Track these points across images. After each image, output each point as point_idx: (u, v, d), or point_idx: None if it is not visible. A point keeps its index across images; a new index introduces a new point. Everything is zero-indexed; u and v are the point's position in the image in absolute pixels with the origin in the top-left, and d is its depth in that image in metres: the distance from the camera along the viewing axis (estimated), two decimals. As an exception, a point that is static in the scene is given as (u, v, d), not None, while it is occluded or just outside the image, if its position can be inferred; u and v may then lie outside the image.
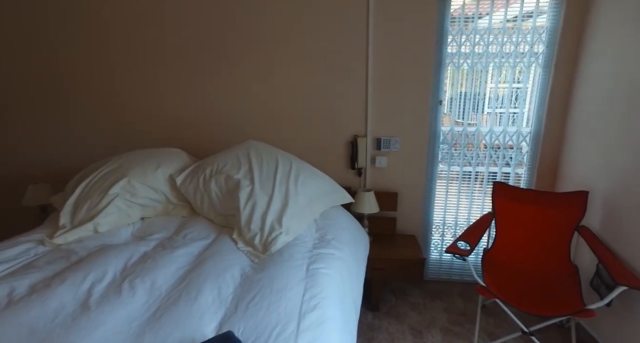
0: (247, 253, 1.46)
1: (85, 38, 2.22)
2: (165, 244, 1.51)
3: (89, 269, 1.26)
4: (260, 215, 1.59)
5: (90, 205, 1.70)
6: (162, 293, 1.18)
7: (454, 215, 2.35)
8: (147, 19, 2.17)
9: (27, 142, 2.44)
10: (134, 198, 1.78)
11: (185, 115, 2.32)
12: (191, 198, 1.83)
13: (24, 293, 1.15)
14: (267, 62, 2.19)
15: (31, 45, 2.26)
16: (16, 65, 2.30)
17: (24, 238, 1.56)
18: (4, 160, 2.48)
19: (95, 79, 2.29)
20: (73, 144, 2.42)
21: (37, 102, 2.36)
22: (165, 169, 1.89)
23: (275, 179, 1.73)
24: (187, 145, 2.24)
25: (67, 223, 1.66)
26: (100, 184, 1.77)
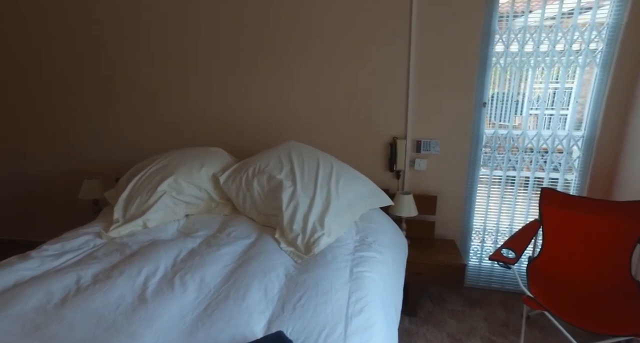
0: (290, 253, 1.48)
1: (134, 41, 2.33)
2: (211, 241, 1.56)
3: (143, 263, 1.32)
4: (302, 216, 1.61)
5: (140, 201, 1.79)
6: (211, 290, 1.21)
7: (495, 221, 2.27)
8: (189, 22, 2.25)
9: (83, 141, 2.59)
10: (180, 195, 1.85)
11: (225, 116, 2.38)
12: (233, 197, 1.87)
13: (89, 282, 1.22)
14: (306, 64, 2.21)
15: (84, 48, 2.40)
16: (71, 68, 2.45)
17: (83, 230, 1.67)
18: (64, 157, 2.64)
19: (142, 81, 2.40)
20: (122, 143, 2.55)
21: (90, 104, 2.51)
22: (208, 167, 1.95)
23: (317, 181, 1.75)
24: (227, 145, 2.30)
25: (119, 218, 1.75)
26: (149, 181, 1.86)
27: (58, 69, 2.47)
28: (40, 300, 1.11)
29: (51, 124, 2.59)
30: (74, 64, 2.44)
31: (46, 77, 2.50)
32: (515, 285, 2.27)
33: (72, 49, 2.41)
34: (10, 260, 1.40)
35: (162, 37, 2.30)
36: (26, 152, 2.67)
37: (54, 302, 1.12)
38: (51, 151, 2.64)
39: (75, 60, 2.43)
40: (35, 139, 2.63)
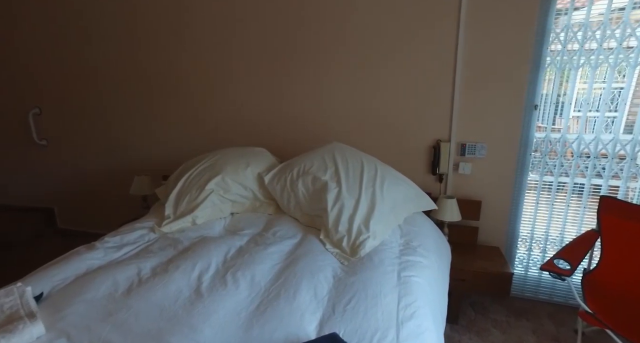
0: (336, 255, 1.49)
1: (184, 43, 2.43)
2: (258, 240, 1.60)
3: (196, 259, 1.38)
4: (347, 218, 1.61)
5: (189, 198, 1.86)
6: (261, 288, 1.25)
7: (544, 229, 2.17)
8: (231, 25, 2.31)
9: (135, 139, 2.73)
10: (227, 194, 1.91)
11: (266, 117, 2.43)
12: (278, 197, 1.91)
13: (149, 274, 1.29)
14: (348, 64, 2.21)
15: (137, 49, 2.53)
16: (127, 71, 2.59)
17: (139, 225, 1.76)
18: (117, 155, 2.80)
19: (189, 83, 2.50)
20: (170, 142, 2.67)
21: (142, 105, 2.64)
22: (254, 167, 2.00)
23: (362, 182, 1.74)
24: (269, 146, 2.34)
25: (170, 214, 1.83)
26: (197, 180, 1.93)
27: (116, 72, 2.62)
28: (109, 288, 1.19)
29: (107, 124, 2.75)
30: (130, 66, 2.58)
31: (104, 80, 2.65)
32: (565, 297, 2.16)
33: (127, 50, 2.55)
34: (79, 249, 1.50)
35: (209, 38, 2.38)
36: (86, 150, 2.85)
37: (120, 291, 1.19)
38: (107, 149, 2.81)
39: (130, 61, 2.57)
40: (93, 138, 2.81)
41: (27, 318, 1.00)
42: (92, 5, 2.51)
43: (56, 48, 2.67)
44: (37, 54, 2.72)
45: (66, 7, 2.56)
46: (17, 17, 2.68)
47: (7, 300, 1.08)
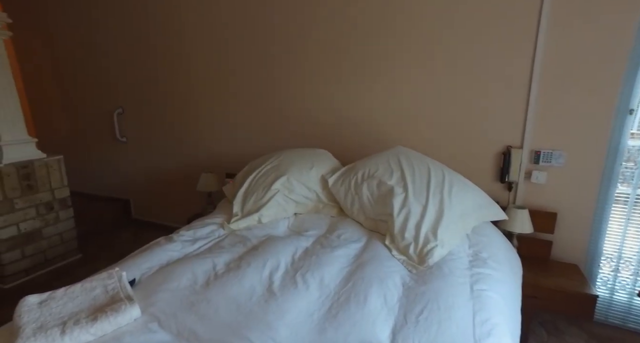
0: (403, 262, 1.46)
1: (254, 42, 2.53)
2: (323, 242, 1.62)
3: (265, 257, 1.43)
4: (414, 225, 1.58)
5: (256, 197, 1.94)
6: (331, 291, 1.26)
7: (635, 248, 1.95)
8: (300, 28, 2.35)
9: (201, 138, 2.90)
10: (291, 194, 1.95)
11: (328, 119, 2.45)
12: (341, 200, 1.92)
13: (223, 269, 1.36)
14: (413, 66, 2.16)
15: (205, 57, 2.68)
16: (199, 71, 2.76)
17: (209, 221, 1.87)
18: (185, 152, 3.00)
19: (254, 84, 2.60)
20: (234, 141, 2.80)
21: (211, 104, 2.80)
22: (318, 169, 2.03)
23: (429, 188, 1.70)
24: (330, 147, 2.36)
25: (238, 212, 1.92)
26: (264, 179, 2.00)
27: (187, 76, 2.80)
28: (189, 280, 1.28)
29: (178, 123, 2.95)
30: (200, 70, 2.74)
31: (177, 83, 2.85)
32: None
33: (198, 56, 2.71)
34: (159, 241, 1.63)
35: (275, 40, 2.46)
36: (159, 147, 3.08)
37: (199, 283, 1.27)
38: (177, 147, 3.01)
39: (201, 66, 2.73)
40: (166, 136, 3.03)
41: (126, 301, 1.10)
42: (170, 15, 2.71)
43: (137, 54, 2.92)
44: (122, 60, 3.00)
45: (149, 16, 2.78)
46: (111, 29, 2.97)
47: (109, 282, 1.20)
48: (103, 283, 1.21)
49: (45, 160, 2.41)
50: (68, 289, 1.18)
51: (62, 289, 1.18)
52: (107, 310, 1.05)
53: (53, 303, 1.11)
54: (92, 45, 3.08)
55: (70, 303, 1.11)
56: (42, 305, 1.10)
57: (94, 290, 1.18)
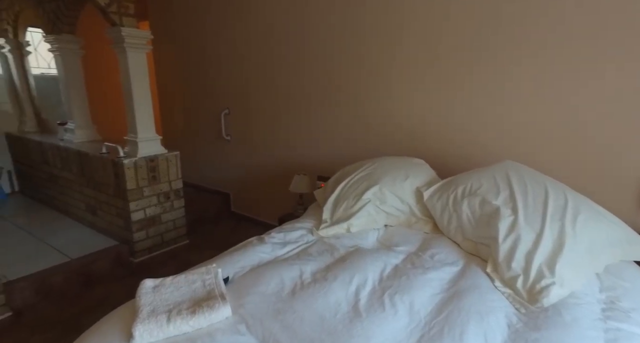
0: (509, 296, 1.27)
1: (344, 51, 2.51)
2: (414, 261, 1.50)
3: (352, 272, 1.38)
4: (524, 254, 1.36)
5: (346, 205, 1.90)
6: (421, 319, 1.15)
7: None
8: (396, 32, 2.23)
9: (297, 139, 3.00)
10: (383, 205, 1.87)
11: (426, 127, 2.28)
12: (437, 216, 1.77)
13: (310, 279, 1.36)
14: (530, 73, 1.86)
15: (302, 60, 2.74)
16: (295, 77, 2.86)
17: (299, 225, 1.90)
18: (281, 152, 3.15)
19: (350, 88, 2.57)
20: (327, 145, 2.82)
21: (305, 108, 2.87)
22: (413, 180, 1.91)
23: (546, 213, 1.44)
24: (427, 157, 2.20)
25: (327, 219, 1.91)
26: (355, 188, 1.96)
27: (286, 79, 2.92)
28: (277, 285, 1.30)
29: (277, 124, 3.10)
30: (299, 74, 2.83)
31: (277, 86, 2.99)
32: None
33: (296, 59, 2.80)
34: (252, 240, 1.72)
35: (372, 46, 2.38)
36: (258, 146, 3.30)
37: (286, 291, 1.28)
38: (274, 147, 3.18)
39: (299, 69, 2.82)
40: (265, 136, 3.22)
41: (220, 299, 1.17)
42: (272, 26, 2.85)
43: (244, 60, 3.15)
44: (230, 66, 3.28)
45: (252, 27, 2.98)
46: (220, 39, 3.28)
47: (207, 278, 1.29)
48: (202, 277, 1.30)
49: (166, 155, 2.76)
50: (174, 278, 1.31)
51: (170, 278, 1.31)
52: (203, 305, 1.13)
53: (163, 290, 1.24)
54: (206, 53, 3.44)
55: (176, 292, 1.23)
56: (155, 290, 1.24)
57: (194, 282, 1.28)
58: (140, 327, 1.04)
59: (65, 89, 3.15)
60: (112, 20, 2.44)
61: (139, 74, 2.57)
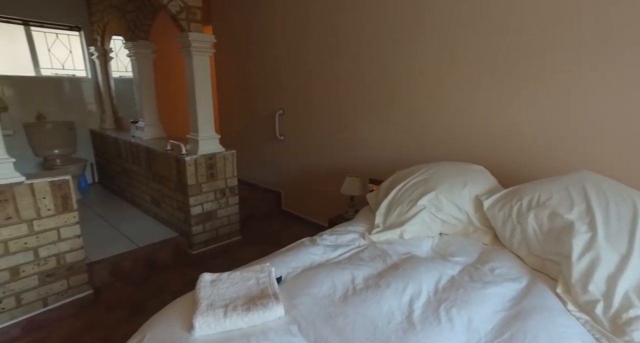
0: (585, 323, 1.15)
1: (401, 52, 2.43)
2: (472, 274, 1.42)
3: (406, 280, 1.34)
4: (605, 277, 1.22)
5: (400, 211, 1.85)
6: (481, 337, 1.08)
7: None
8: (457, 31, 2.11)
9: (349, 140, 2.98)
10: (438, 212, 1.80)
11: (486, 130, 2.14)
12: (498, 227, 1.65)
13: (362, 285, 1.34)
14: (611, 74, 1.66)
15: (357, 62, 2.71)
16: (347, 79, 2.84)
17: (351, 228, 1.89)
18: (333, 153, 3.15)
19: (406, 90, 2.49)
20: (381, 147, 2.77)
21: (358, 110, 2.84)
22: (471, 187, 1.81)
23: (635, 233, 1.28)
24: (487, 163, 2.07)
25: (380, 224, 1.88)
26: (410, 193, 1.90)
27: (338, 81, 2.91)
28: (329, 288, 1.30)
29: (329, 125, 3.11)
30: (352, 76, 2.81)
31: (329, 87, 3.00)
32: None
33: (350, 61, 2.78)
34: (303, 241, 1.74)
35: (431, 45, 2.29)
36: (310, 146, 3.34)
37: (337, 295, 1.28)
38: (327, 148, 3.19)
39: (352, 72, 2.80)
40: (317, 136, 3.24)
41: (273, 298, 1.19)
42: (334, 24, 2.86)
43: (299, 61, 3.20)
44: (285, 67, 3.35)
45: (316, 26, 3.01)
46: (276, 42, 3.36)
47: (261, 276, 1.33)
48: (256, 275, 1.34)
49: (223, 153, 2.90)
50: (230, 274, 1.36)
51: (226, 273, 1.37)
52: (257, 303, 1.16)
53: (220, 285, 1.30)
54: (264, 56, 3.55)
55: (231, 288, 1.28)
56: (213, 285, 1.29)
57: (249, 280, 1.32)
58: (200, 319, 1.09)
59: (138, 90, 3.43)
60: (181, 26, 2.61)
61: (202, 76, 2.72)
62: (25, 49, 3.80)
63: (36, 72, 3.90)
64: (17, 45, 3.74)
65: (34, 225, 1.93)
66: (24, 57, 3.81)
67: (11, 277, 1.90)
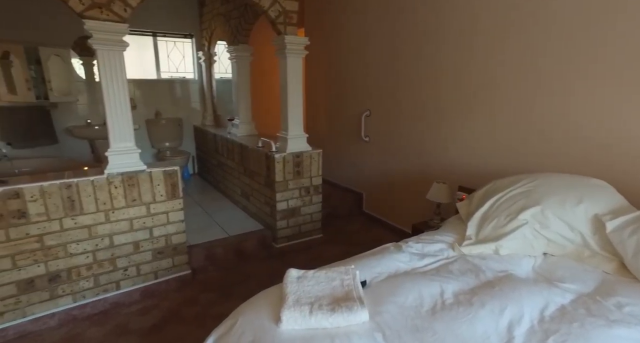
0: None
1: (499, 53, 2.19)
2: (590, 306, 1.22)
3: (504, 302, 1.21)
4: None
5: (496, 224, 1.69)
6: (601, 383, 0.92)
7: None
8: (558, 30, 1.81)
9: (436, 144, 2.82)
10: (543, 230, 1.59)
11: (608, 138, 1.82)
12: (628, 255, 1.39)
13: (451, 300, 1.25)
14: None
15: (446, 67, 2.53)
16: (436, 82, 2.67)
17: (439, 237, 1.78)
18: (420, 157, 3.02)
19: (505, 92, 2.25)
20: (471, 152, 2.56)
21: (449, 111, 2.66)
22: (589, 205, 1.56)
23: None
24: (615, 179, 1.75)
25: (472, 235, 1.73)
26: (509, 205, 1.72)
27: (427, 84, 2.76)
28: (415, 300, 1.24)
29: (417, 128, 2.98)
30: (443, 79, 2.64)
31: (418, 90, 2.87)
32: None
33: (446, 61, 2.61)
34: (388, 247, 1.69)
35: (534, 45, 2.02)
36: (396, 149, 3.25)
37: (425, 307, 1.21)
38: (413, 151, 3.07)
39: (450, 73, 2.63)
40: (404, 139, 3.14)
41: (358, 302, 1.18)
42: (429, 23, 2.73)
43: (388, 62, 3.12)
44: (376, 66, 3.30)
45: (409, 27, 2.91)
46: (365, 44, 3.33)
47: (346, 278, 1.33)
48: (341, 276, 1.34)
49: (310, 152, 2.98)
50: (316, 273, 1.39)
51: (312, 271, 1.40)
52: (342, 305, 1.16)
53: (305, 282, 1.33)
54: (353, 57, 3.55)
55: (316, 287, 1.30)
56: (299, 281, 1.33)
57: (334, 280, 1.33)
58: (287, 313, 1.13)
59: (235, 90, 3.73)
60: (278, 30, 2.75)
61: (295, 77, 2.84)
62: (151, 56, 4.43)
63: (157, 75, 4.51)
64: (145, 53, 4.38)
65: (150, 208, 2.22)
66: (150, 63, 4.43)
67: (134, 250, 2.23)
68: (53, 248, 1.95)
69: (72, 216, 1.97)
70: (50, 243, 1.94)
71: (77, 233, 2.01)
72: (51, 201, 1.90)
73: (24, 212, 1.84)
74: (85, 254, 2.06)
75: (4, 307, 1.89)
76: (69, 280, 2.04)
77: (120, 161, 2.09)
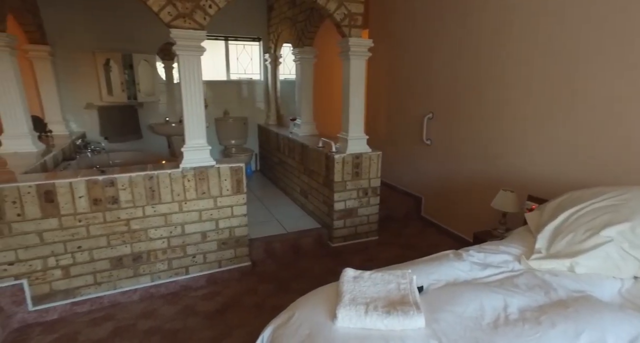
0: None
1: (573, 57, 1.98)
2: (686, 340, 1.07)
3: (581, 325, 1.11)
4: None
5: (572, 239, 1.54)
6: None
7: None
8: None
9: (504, 149, 2.64)
10: (633, 250, 1.42)
11: None
12: None
13: (516, 316, 1.18)
14: None
15: (519, 67, 2.34)
16: (506, 86, 2.49)
17: (504, 248, 1.68)
18: (484, 162, 2.85)
19: (584, 95, 2.03)
20: (543, 161, 2.36)
21: (518, 118, 2.47)
22: (692, 225, 1.36)
23: None
24: None
25: (542, 249, 1.61)
26: (589, 219, 1.56)
27: (494, 88, 2.59)
28: (475, 311, 1.19)
29: (483, 132, 2.82)
30: (510, 84, 2.46)
31: (486, 93, 2.70)
32: None
33: (519, 64, 2.43)
34: (447, 254, 1.63)
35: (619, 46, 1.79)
36: (459, 153, 3.10)
37: (485, 321, 1.16)
38: (477, 156, 2.91)
39: (523, 76, 2.45)
40: (468, 143, 2.99)
41: (414, 307, 1.16)
42: (499, 24, 2.56)
43: (453, 64, 2.99)
44: (440, 68, 3.18)
45: (477, 29, 2.77)
46: (431, 41, 3.22)
47: (402, 281, 1.32)
48: (397, 280, 1.33)
49: (370, 154, 2.97)
50: (372, 274, 1.39)
51: (368, 272, 1.41)
52: (398, 309, 1.15)
53: (361, 282, 1.34)
54: (417, 59, 3.46)
55: (372, 288, 1.31)
56: (355, 281, 1.35)
57: (390, 283, 1.32)
58: (343, 311, 1.15)
59: (299, 91, 3.85)
60: (343, 33, 2.78)
61: (357, 79, 2.85)
62: (222, 59, 4.76)
63: (227, 76, 4.83)
64: (217, 56, 4.72)
65: (217, 201, 2.40)
66: (221, 65, 4.77)
67: (201, 239, 2.43)
68: (137, 232, 2.21)
69: (152, 204, 2.21)
70: (135, 227, 2.19)
71: (156, 220, 2.24)
72: (137, 190, 2.14)
73: (117, 199, 2.11)
74: (162, 239, 2.29)
75: (101, 278, 2.19)
76: (148, 261, 2.29)
77: (193, 156, 2.29)
